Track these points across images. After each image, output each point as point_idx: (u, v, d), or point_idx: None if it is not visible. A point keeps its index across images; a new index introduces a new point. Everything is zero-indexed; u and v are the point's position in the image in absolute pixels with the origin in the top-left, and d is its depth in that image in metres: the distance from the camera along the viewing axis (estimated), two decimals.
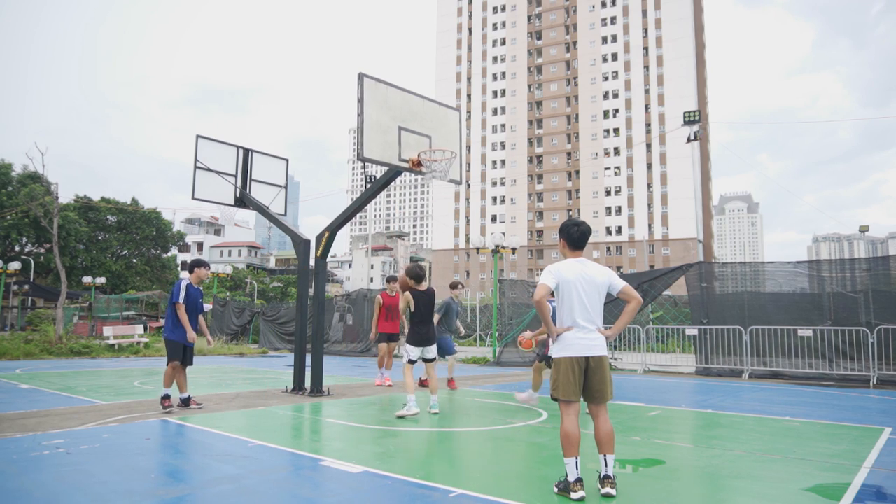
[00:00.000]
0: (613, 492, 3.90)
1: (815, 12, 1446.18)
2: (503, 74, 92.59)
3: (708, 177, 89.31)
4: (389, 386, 10.64)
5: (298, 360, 10.03)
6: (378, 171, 9.49)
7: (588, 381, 4.05)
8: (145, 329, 26.50)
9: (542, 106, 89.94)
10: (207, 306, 8.26)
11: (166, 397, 7.47)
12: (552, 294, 4.18)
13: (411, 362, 7.49)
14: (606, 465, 3.97)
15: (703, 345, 14.33)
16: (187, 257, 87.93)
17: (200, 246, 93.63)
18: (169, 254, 59.65)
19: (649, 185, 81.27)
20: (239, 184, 11.18)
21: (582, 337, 4.04)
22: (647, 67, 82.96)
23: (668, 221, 79.95)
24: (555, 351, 4.13)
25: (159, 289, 46.95)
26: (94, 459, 4.87)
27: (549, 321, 4.06)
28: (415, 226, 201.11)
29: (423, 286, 7.64)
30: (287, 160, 12.24)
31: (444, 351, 9.93)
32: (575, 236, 4.24)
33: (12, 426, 6.36)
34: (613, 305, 11.59)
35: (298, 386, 9.73)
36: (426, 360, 7.61)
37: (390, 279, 10.72)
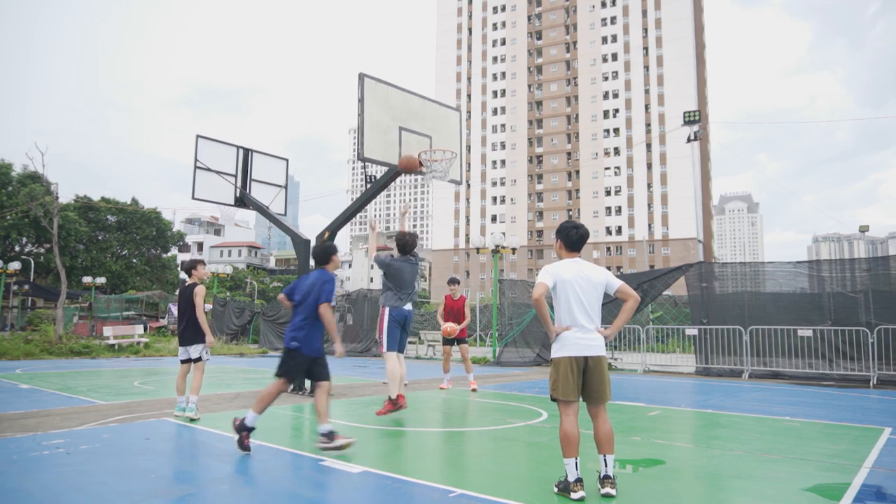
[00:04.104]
0: (613, 492, 3.90)
1: (811, 12, 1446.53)
2: (503, 74, 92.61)
3: (708, 177, 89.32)
4: (443, 388, 10.44)
5: None
6: (378, 171, 9.49)
7: (586, 382, 4.04)
8: (145, 329, 26.51)
9: (542, 106, 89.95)
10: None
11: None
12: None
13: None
14: (606, 466, 3.97)
15: (703, 345, 14.33)
16: (187, 257, 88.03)
17: (200, 246, 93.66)
18: (169, 254, 59.66)
19: (649, 185, 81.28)
20: (239, 184, 11.18)
21: (581, 337, 4.03)
22: (647, 67, 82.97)
23: (668, 221, 79.97)
24: (554, 350, 4.12)
25: (159, 289, 46.97)
26: (94, 459, 4.87)
27: (547, 320, 4.06)
28: (415, 226, 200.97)
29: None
30: (287, 160, 12.24)
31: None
32: (574, 238, 4.24)
33: (12, 426, 6.36)
34: (613, 305, 11.59)
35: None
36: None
37: (453, 281, 10.49)
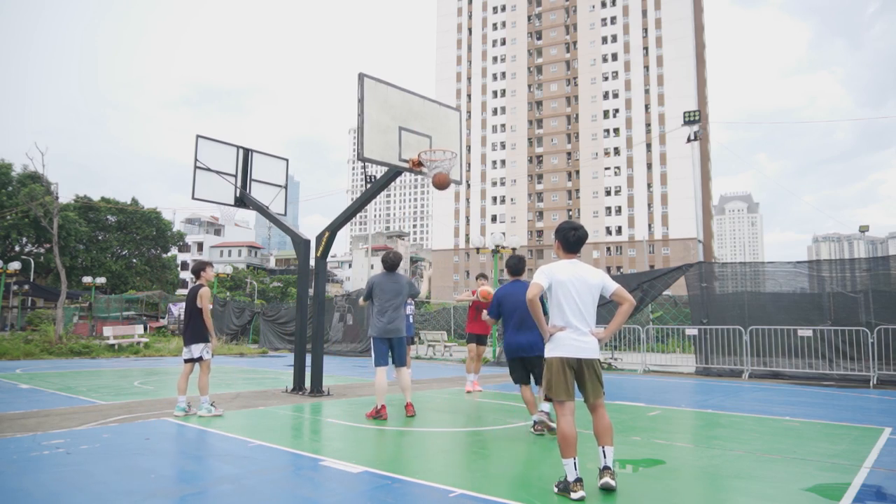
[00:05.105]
0: (613, 482, 3.90)
1: (809, 13, 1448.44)
2: (503, 74, 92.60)
3: (708, 177, 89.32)
4: (479, 391, 9.90)
5: (298, 360, 10.03)
6: (378, 171, 9.49)
7: (580, 382, 4.08)
8: (145, 329, 26.50)
9: (542, 106, 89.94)
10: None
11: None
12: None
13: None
14: (605, 457, 3.98)
15: (703, 345, 14.32)
16: (187, 257, 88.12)
17: (200, 246, 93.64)
18: (169, 254, 59.68)
19: (649, 185, 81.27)
20: (239, 184, 11.18)
21: (575, 338, 4.05)
22: (647, 67, 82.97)
23: (668, 221, 79.96)
24: (547, 350, 4.13)
25: (159, 289, 46.99)
26: (94, 459, 4.87)
27: (541, 321, 4.08)
28: (415, 226, 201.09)
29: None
30: (287, 160, 12.23)
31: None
32: (572, 240, 4.24)
33: (12, 426, 6.36)
34: (612, 306, 11.57)
35: (298, 386, 9.73)
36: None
37: (482, 276, 9.79)
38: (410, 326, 12.41)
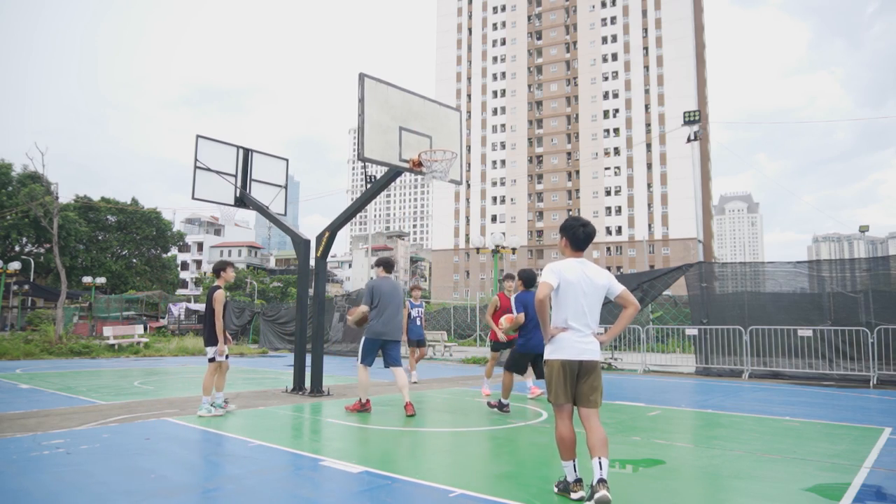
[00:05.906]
0: (609, 495, 3.64)
1: (809, 12, 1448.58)
2: (503, 74, 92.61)
3: (708, 177, 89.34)
4: (488, 394, 9.26)
5: (298, 360, 10.03)
6: (378, 171, 9.49)
7: (579, 386, 3.94)
8: (145, 329, 26.51)
9: (542, 106, 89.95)
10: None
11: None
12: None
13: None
14: (601, 468, 3.72)
15: (703, 345, 14.32)
16: (187, 257, 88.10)
17: (200, 246, 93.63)
18: (169, 254, 59.70)
19: (649, 185, 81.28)
20: (239, 184, 11.18)
21: (577, 340, 3.93)
22: (647, 67, 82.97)
23: (668, 221, 79.96)
24: (547, 352, 4.03)
25: (159, 289, 47.01)
26: (94, 459, 4.87)
27: (547, 322, 3.97)
28: (415, 226, 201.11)
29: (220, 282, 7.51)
30: (287, 160, 12.23)
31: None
32: (580, 237, 4.06)
33: (12, 426, 6.36)
34: (613, 306, 11.57)
35: (298, 386, 9.73)
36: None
37: (509, 277, 9.17)
38: (420, 329, 12.47)
